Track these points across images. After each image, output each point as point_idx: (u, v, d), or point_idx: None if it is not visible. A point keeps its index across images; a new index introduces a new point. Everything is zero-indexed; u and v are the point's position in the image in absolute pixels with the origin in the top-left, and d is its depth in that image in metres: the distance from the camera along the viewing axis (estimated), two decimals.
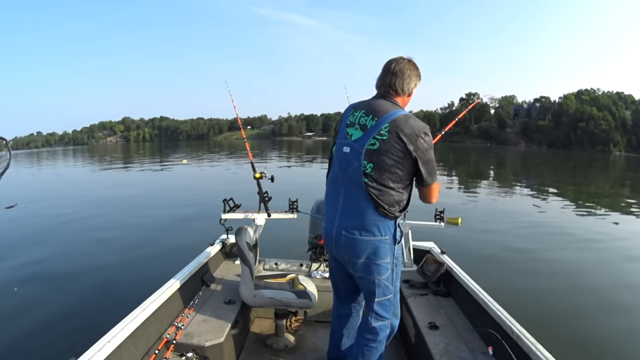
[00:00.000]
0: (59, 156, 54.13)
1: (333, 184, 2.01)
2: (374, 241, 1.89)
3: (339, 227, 1.94)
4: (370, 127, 1.86)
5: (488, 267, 5.77)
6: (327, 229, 2.02)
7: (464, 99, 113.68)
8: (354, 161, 1.87)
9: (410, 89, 1.97)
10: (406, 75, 1.92)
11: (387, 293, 1.99)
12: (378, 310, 2.00)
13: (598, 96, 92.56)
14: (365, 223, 1.88)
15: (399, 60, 1.95)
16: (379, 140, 1.83)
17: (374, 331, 2.01)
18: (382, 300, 1.99)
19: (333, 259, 2.15)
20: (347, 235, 1.91)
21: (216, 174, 20.91)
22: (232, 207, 3.49)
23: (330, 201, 2.02)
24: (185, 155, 40.95)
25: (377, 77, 1.99)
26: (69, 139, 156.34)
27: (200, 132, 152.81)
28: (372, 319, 2.00)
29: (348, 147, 1.91)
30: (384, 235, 1.90)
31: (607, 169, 36.51)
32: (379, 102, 1.93)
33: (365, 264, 1.93)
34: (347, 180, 1.91)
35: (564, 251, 7.07)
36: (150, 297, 2.35)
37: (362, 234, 1.89)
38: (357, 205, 1.89)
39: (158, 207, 10.96)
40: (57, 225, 8.88)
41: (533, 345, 1.88)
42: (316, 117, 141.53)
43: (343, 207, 1.93)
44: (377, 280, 1.95)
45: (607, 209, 12.73)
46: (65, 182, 20.00)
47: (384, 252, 1.92)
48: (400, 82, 1.92)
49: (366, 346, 2.04)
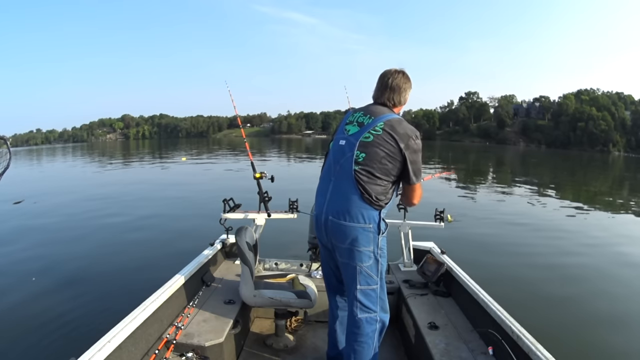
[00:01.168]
0: (59, 153, 54.01)
1: (326, 174, 2.15)
2: (358, 227, 1.99)
3: (326, 213, 2.05)
4: (366, 123, 2.04)
5: (488, 267, 5.77)
6: (317, 217, 2.13)
7: (463, 97, 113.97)
8: (348, 151, 2.02)
9: (406, 99, 2.16)
10: (402, 89, 2.12)
11: (371, 283, 2.05)
12: (362, 300, 2.04)
13: (597, 96, 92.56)
14: (351, 209, 1.98)
15: (394, 74, 2.11)
16: (374, 135, 1.99)
17: (360, 323, 2.04)
18: (365, 290, 2.04)
19: (324, 248, 2.23)
20: (334, 220, 2.02)
21: (216, 173, 20.88)
22: (232, 207, 3.49)
23: (321, 190, 2.14)
24: (185, 153, 40.91)
25: (374, 89, 2.16)
26: (68, 136, 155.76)
27: (200, 129, 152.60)
28: (357, 310, 2.05)
29: (344, 140, 2.07)
30: (367, 223, 1.99)
31: (606, 169, 36.54)
32: (377, 106, 2.12)
33: (349, 250, 2.02)
34: (339, 169, 2.04)
35: (564, 251, 7.08)
36: (150, 297, 2.35)
37: (347, 219, 1.99)
38: (345, 192, 2.00)
39: (158, 206, 10.92)
40: (55, 224, 8.85)
41: (533, 345, 1.88)
42: (316, 115, 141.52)
43: (331, 194, 2.06)
44: (359, 267, 2.02)
45: (606, 209, 12.76)
46: (64, 180, 19.94)
47: (367, 240, 2.00)
48: (397, 97, 2.12)
49: (355, 341, 2.07)
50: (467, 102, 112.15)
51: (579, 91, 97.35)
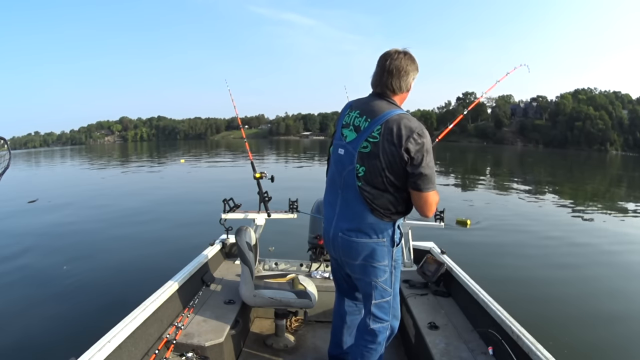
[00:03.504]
0: (57, 156, 53.86)
1: (332, 185, 2.01)
2: (371, 243, 1.87)
3: (335, 229, 1.94)
4: (363, 128, 1.82)
5: (488, 267, 5.77)
6: (326, 230, 2.02)
7: (460, 98, 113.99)
8: (348, 164, 1.86)
9: (409, 85, 1.88)
10: (403, 72, 1.82)
11: (385, 295, 1.97)
12: (376, 313, 1.97)
13: (595, 95, 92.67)
14: (362, 225, 1.86)
15: (393, 55, 1.83)
16: (371, 143, 1.78)
17: (373, 333, 1.99)
18: (379, 303, 1.97)
19: (333, 259, 2.16)
20: (344, 237, 1.90)
21: (216, 174, 20.86)
22: (232, 207, 3.48)
23: (329, 202, 2.02)
24: (183, 154, 40.83)
25: (373, 74, 1.89)
26: (66, 138, 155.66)
27: (198, 131, 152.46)
28: (371, 321, 1.98)
29: (343, 149, 1.90)
30: (381, 238, 1.87)
31: (603, 168, 36.59)
32: (374, 102, 1.86)
33: (362, 266, 1.92)
34: (344, 182, 1.89)
35: (563, 251, 7.09)
36: (150, 297, 2.35)
37: (358, 236, 1.87)
38: (354, 207, 1.86)
39: (158, 206, 10.92)
40: (55, 226, 8.83)
41: (533, 345, 1.88)
42: (313, 117, 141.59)
43: (341, 208, 1.92)
44: (374, 282, 1.93)
45: (604, 208, 12.76)
46: (64, 182, 19.89)
47: (381, 255, 1.89)
48: (397, 82, 1.83)
49: (365, 347, 2.03)
50: (464, 103, 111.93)
51: (576, 90, 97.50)
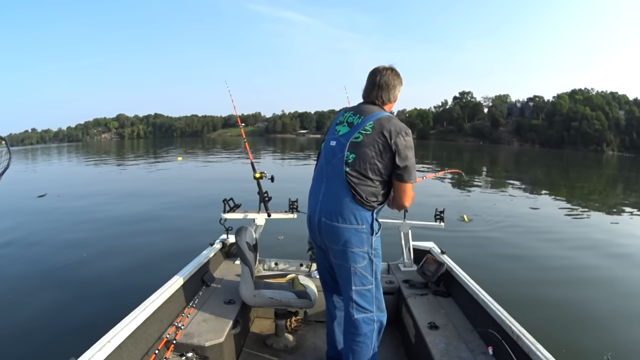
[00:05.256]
0: (54, 153, 53.55)
1: (318, 175, 2.15)
2: (351, 229, 1.99)
3: (319, 215, 2.06)
4: (356, 123, 2.03)
5: (488, 267, 5.78)
6: (310, 217, 2.13)
7: (457, 97, 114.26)
8: (338, 152, 2.03)
9: (396, 97, 2.15)
10: (391, 86, 2.09)
11: (366, 283, 2.05)
12: (358, 300, 2.05)
13: (592, 96, 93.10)
14: (343, 211, 1.99)
15: (382, 72, 2.09)
16: (363, 135, 1.99)
17: (357, 324, 2.05)
18: (360, 290, 2.05)
19: (318, 248, 2.23)
20: (327, 222, 2.02)
21: (215, 173, 20.79)
22: (232, 207, 3.47)
23: (313, 191, 2.15)
24: (181, 152, 40.70)
25: (364, 87, 2.14)
26: (63, 135, 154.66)
27: (195, 129, 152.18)
28: (353, 310, 2.06)
29: (335, 141, 2.08)
30: (360, 224, 1.99)
31: (599, 168, 36.76)
32: (367, 105, 2.11)
33: (342, 251, 2.03)
34: (331, 170, 2.04)
35: (563, 251, 7.11)
36: (150, 297, 2.35)
37: (340, 221, 2.00)
38: (337, 193, 2.01)
39: (157, 206, 10.83)
40: (54, 225, 8.78)
41: (533, 345, 1.89)
42: (310, 115, 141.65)
43: (324, 195, 2.06)
44: (353, 267, 2.03)
45: (602, 208, 12.83)
46: (61, 180, 19.78)
47: (360, 241, 2.01)
48: (386, 94, 2.09)
49: (352, 341, 2.08)
50: (461, 102, 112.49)
51: (573, 91, 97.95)
